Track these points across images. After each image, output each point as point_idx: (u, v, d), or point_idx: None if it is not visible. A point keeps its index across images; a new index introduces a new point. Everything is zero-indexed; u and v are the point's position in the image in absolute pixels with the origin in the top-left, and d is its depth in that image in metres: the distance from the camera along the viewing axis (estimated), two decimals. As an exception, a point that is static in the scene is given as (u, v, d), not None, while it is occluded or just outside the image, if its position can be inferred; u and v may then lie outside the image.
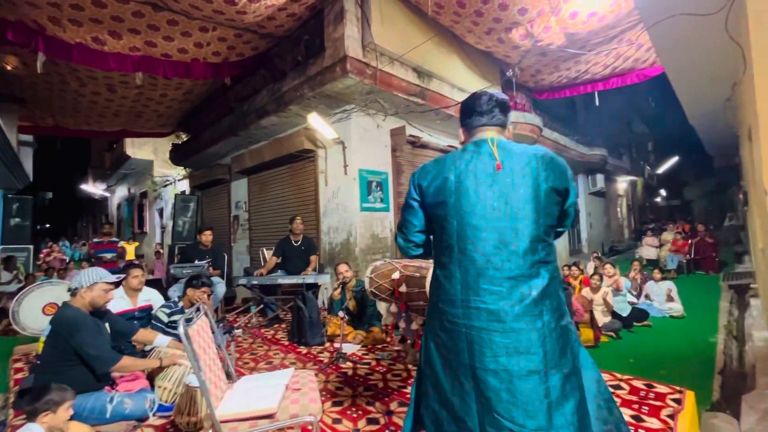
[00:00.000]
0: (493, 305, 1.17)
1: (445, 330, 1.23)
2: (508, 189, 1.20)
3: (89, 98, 6.25)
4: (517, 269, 1.17)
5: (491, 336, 1.15)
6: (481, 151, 1.27)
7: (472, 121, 1.39)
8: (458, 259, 1.22)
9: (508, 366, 1.14)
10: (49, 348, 2.21)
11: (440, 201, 1.27)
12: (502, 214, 1.20)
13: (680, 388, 2.55)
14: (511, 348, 1.14)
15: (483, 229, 1.20)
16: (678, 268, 8.93)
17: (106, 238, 6.37)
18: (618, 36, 5.14)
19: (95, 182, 16.57)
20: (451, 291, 1.23)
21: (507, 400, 1.13)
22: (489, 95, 1.41)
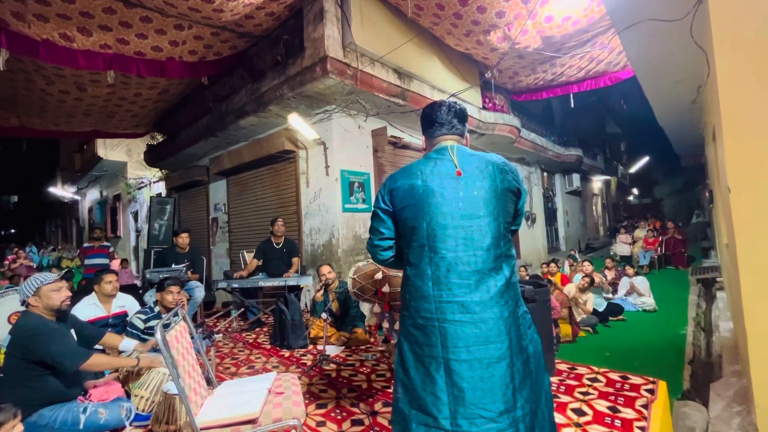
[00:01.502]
0: (463, 298, 1.25)
1: (418, 327, 1.30)
2: (470, 191, 1.31)
3: (57, 97, 5.97)
4: (482, 263, 1.27)
5: (463, 327, 1.23)
6: (444, 158, 1.37)
7: (433, 131, 1.48)
8: (429, 257, 1.30)
9: (478, 355, 1.22)
10: (12, 359, 2.09)
11: (410, 204, 1.34)
12: (466, 213, 1.29)
13: (653, 379, 2.65)
14: (482, 337, 1.23)
15: (451, 228, 1.29)
16: (650, 263, 9.30)
17: (97, 243, 6.13)
18: (591, 40, 5.31)
19: (65, 185, 15.89)
20: (423, 288, 1.30)
21: (479, 388, 1.20)
22: (448, 105, 1.48)
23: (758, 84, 2.13)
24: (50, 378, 2.09)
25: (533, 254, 10.30)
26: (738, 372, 2.91)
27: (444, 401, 1.21)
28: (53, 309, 2.21)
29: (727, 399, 2.59)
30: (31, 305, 2.17)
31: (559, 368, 2.97)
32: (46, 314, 2.19)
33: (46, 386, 2.07)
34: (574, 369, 2.97)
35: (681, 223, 14.67)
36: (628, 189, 27.74)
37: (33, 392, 2.04)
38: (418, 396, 1.26)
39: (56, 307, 2.21)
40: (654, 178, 28.97)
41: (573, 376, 2.83)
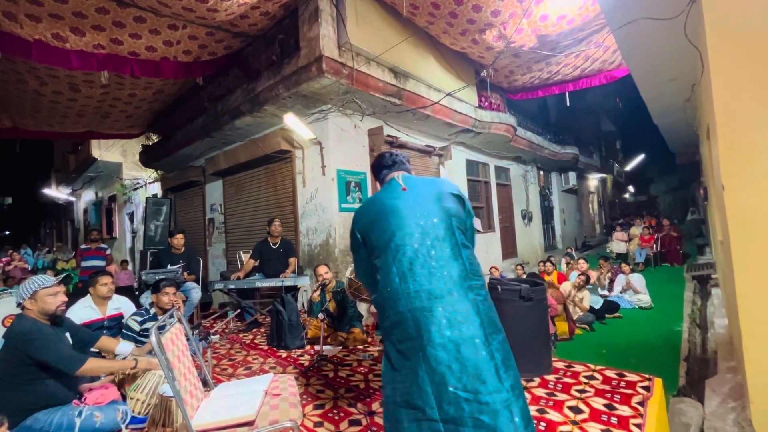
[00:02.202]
0: (427, 284, 1.36)
1: (396, 325, 1.39)
2: (418, 198, 1.54)
3: (50, 98, 5.92)
4: (441, 251, 1.42)
5: (433, 312, 1.32)
6: (392, 184, 1.66)
7: (382, 174, 1.76)
8: (393, 256, 1.44)
9: (452, 336, 1.29)
10: (6, 362, 2.07)
11: (375, 223, 1.54)
12: (419, 213, 1.50)
13: (649, 376, 2.66)
14: (452, 319, 1.31)
15: (409, 227, 1.47)
16: (645, 261, 9.35)
17: (94, 245, 6.09)
18: (586, 38, 5.32)
19: (59, 186, 15.77)
20: (390, 287, 1.42)
21: (457, 370, 1.25)
22: (390, 153, 1.80)
23: (752, 82, 2.14)
24: (45, 382, 2.07)
25: (530, 252, 10.33)
26: (733, 368, 2.93)
27: (428, 392, 1.25)
28: (48, 313, 2.19)
29: (723, 395, 2.60)
30: (27, 308, 2.15)
31: (555, 366, 2.98)
32: (40, 318, 2.17)
33: (40, 390, 2.05)
34: (570, 367, 2.98)
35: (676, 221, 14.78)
36: (624, 187, 27.89)
37: (28, 396, 2.02)
38: (406, 392, 1.30)
39: (51, 312, 2.19)
40: (649, 176, 29.16)
41: (570, 374, 2.84)
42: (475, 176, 8.40)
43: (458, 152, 7.53)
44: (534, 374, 2.83)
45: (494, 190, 9.04)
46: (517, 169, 10.28)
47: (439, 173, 6.98)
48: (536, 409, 2.34)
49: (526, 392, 2.58)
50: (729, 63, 2.23)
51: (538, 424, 2.17)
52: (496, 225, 8.87)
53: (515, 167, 10.19)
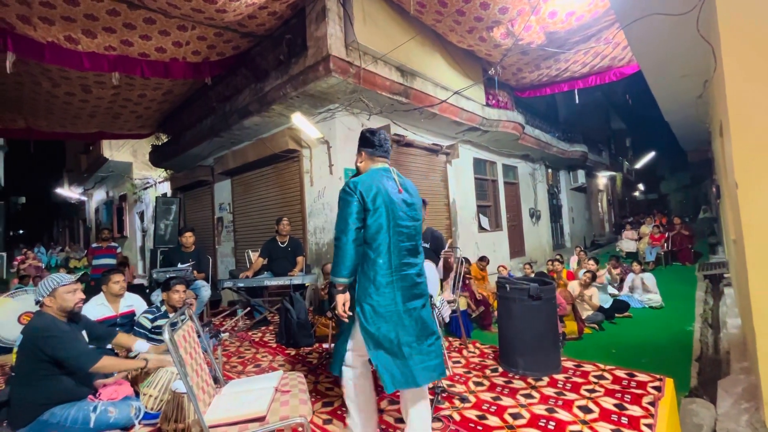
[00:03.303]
0: (410, 271, 1.89)
1: (380, 294, 1.81)
2: (410, 201, 1.97)
3: (63, 99, 6.03)
4: (417, 248, 1.97)
5: (408, 290, 1.86)
6: (389, 177, 1.96)
7: (375, 151, 2.01)
8: (389, 243, 1.85)
9: (416, 305, 1.87)
10: (24, 359, 2.12)
11: (378, 207, 1.84)
12: (409, 215, 1.94)
13: (660, 376, 2.64)
14: (417, 294, 1.89)
15: (405, 226, 1.91)
16: (656, 259, 9.23)
17: (105, 243, 6.18)
18: (596, 35, 5.26)
19: (71, 186, 16.04)
20: (384, 265, 1.83)
21: (419, 323, 1.85)
22: (385, 135, 2.04)
23: (766, 78, 2.10)
24: (61, 377, 2.11)
25: (538, 251, 10.26)
26: (746, 369, 2.89)
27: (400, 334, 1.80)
28: (67, 311, 2.23)
29: (735, 396, 2.57)
30: (46, 305, 2.20)
31: (564, 365, 2.96)
32: (58, 315, 2.21)
33: (57, 385, 2.10)
34: (580, 366, 2.96)
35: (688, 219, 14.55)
36: (634, 185, 27.52)
37: (44, 391, 2.06)
38: (386, 337, 1.79)
39: (70, 308, 2.24)
40: (660, 174, 28.74)
41: (579, 374, 2.82)
42: (482, 175, 8.36)
43: (465, 151, 7.50)
44: (543, 373, 2.82)
45: (502, 188, 8.99)
46: (525, 168, 10.21)
47: (446, 172, 6.97)
48: (545, 409, 2.33)
49: (535, 391, 2.58)
50: (743, 58, 2.19)
51: (547, 423, 2.17)
52: (503, 224, 8.82)
53: (523, 165, 10.12)
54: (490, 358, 3.30)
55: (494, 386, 2.71)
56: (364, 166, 2.02)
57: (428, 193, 6.31)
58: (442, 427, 2.18)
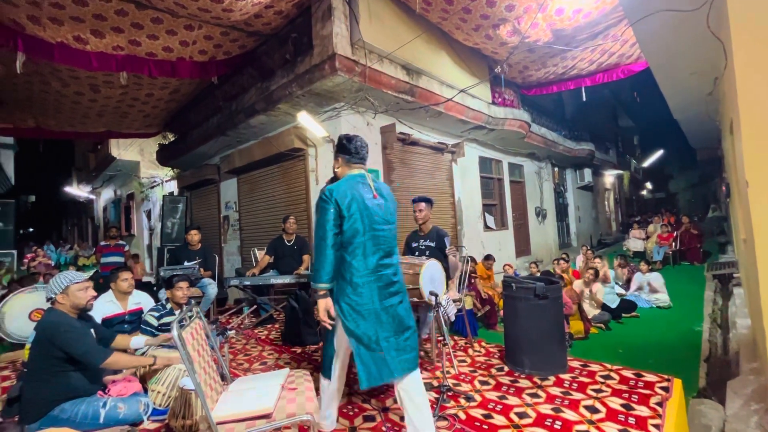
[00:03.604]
0: (386, 271, 2.01)
1: (357, 294, 1.93)
2: (384, 206, 2.07)
3: (72, 99, 6.09)
4: (392, 249, 2.09)
5: (384, 289, 1.98)
6: (365, 182, 2.06)
7: (352, 158, 2.12)
8: (364, 247, 1.96)
9: (393, 302, 1.99)
10: (36, 354, 2.16)
11: (353, 213, 1.95)
12: (384, 219, 2.05)
13: (668, 377, 2.62)
14: (393, 291, 2.01)
15: (380, 229, 2.02)
16: (664, 259, 9.14)
17: (113, 241, 6.26)
18: (603, 32, 5.21)
19: (80, 184, 16.21)
20: (361, 266, 1.95)
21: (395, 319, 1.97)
22: (362, 142, 2.15)
23: (778, 75, 2.07)
24: (72, 374, 2.14)
25: (544, 250, 10.21)
26: (756, 369, 2.85)
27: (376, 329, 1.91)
28: (79, 308, 2.27)
29: (745, 397, 2.54)
30: (58, 302, 2.23)
31: (571, 365, 2.95)
32: (70, 312, 2.24)
33: (68, 381, 2.13)
34: (586, 366, 2.95)
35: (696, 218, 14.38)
36: (642, 183, 27.25)
37: (56, 387, 2.09)
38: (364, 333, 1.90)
39: (82, 305, 2.27)
40: (668, 172, 28.41)
41: (585, 373, 2.81)
42: (488, 173, 8.32)
43: (471, 149, 7.47)
44: (549, 373, 2.81)
45: (507, 187, 8.94)
46: (531, 166, 10.14)
47: (452, 170, 6.95)
48: (551, 408, 2.32)
49: (541, 391, 2.57)
50: (754, 55, 2.15)
51: (553, 422, 2.16)
52: (509, 222, 8.78)
53: (529, 164, 10.06)
54: (495, 357, 3.30)
55: (500, 385, 2.71)
56: (341, 172, 2.15)
57: (433, 192, 6.30)
58: (447, 425, 2.18)
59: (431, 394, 2.61)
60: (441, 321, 2.65)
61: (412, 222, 3.80)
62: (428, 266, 2.88)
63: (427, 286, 2.81)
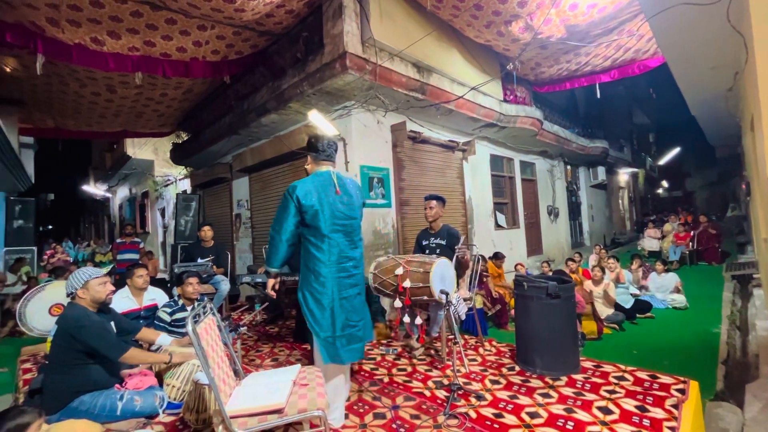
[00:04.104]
0: (347, 264, 2.21)
1: (318, 282, 2.15)
2: (347, 201, 2.25)
3: (89, 99, 6.24)
4: (353, 243, 2.26)
5: (344, 279, 2.20)
6: (329, 179, 2.24)
7: (318, 155, 2.30)
8: (328, 241, 2.16)
9: (351, 293, 2.22)
10: (57, 347, 2.23)
11: (315, 209, 2.14)
12: (346, 214, 2.23)
13: (684, 379, 2.56)
14: (352, 283, 2.24)
15: (341, 224, 2.21)
16: (680, 259, 8.94)
17: (129, 239, 6.42)
18: (618, 27, 5.10)
19: (97, 183, 16.58)
20: (324, 258, 2.16)
21: (350, 310, 2.20)
22: (328, 141, 2.31)
23: (803, 69, 2.00)
24: (91, 367, 2.21)
25: (556, 249, 10.08)
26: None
27: (329, 320, 2.14)
28: (99, 302, 2.33)
29: (765, 400, 2.48)
30: (79, 297, 2.29)
31: (583, 366, 2.92)
32: (90, 306, 2.31)
33: (87, 374, 2.19)
34: (599, 367, 2.91)
35: (715, 217, 14.01)
36: (658, 182, 26.66)
37: (75, 379, 2.16)
38: (322, 320, 2.14)
39: (101, 299, 2.34)
40: (685, 170, 27.72)
41: (599, 374, 2.77)
42: (499, 171, 8.24)
43: (482, 147, 7.41)
44: (561, 373, 2.78)
45: (519, 185, 8.85)
46: (543, 164, 10.02)
47: (462, 169, 6.91)
48: (564, 409, 2.30)
49: (553, 391, 2.55)
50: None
51: (565, 423, 2.14)
52: (521, 221, 8.69)
53: (541, 162, 9.93)
54: (506, 356, 3.28)
55: (511, 385, 2.69)
56: (310, 169, 2.33)
57: (444, 190, 6.27)
58: (458, 423, 2.17)
59: (442, 392, 2.61)
60: (452, 319, 2.64)
61: (424, 220, 3.79)
62: (439, 264, 2.88)
63: (437, 284, 2.80)
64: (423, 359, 3.27)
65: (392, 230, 5.46)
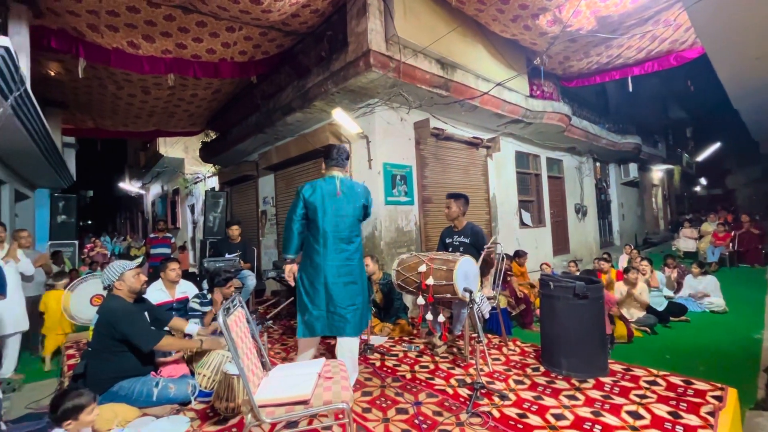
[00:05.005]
0: (340, 255, 2.54)
1: (312, 267, 2.53)
2: (344, 201, 2.58)
3: (126, 100, 6.55)
4: (350, 237, 2.58)
5: (337, 269, 2.52)
6: (333, 183, 2.61)
7: (329, 162, 2.70)
8: (322, 233, 2.53)
9: (339, 281, 2.51)
10: (98, 335, 2.37)
11: (315, 205, 2.54)
12: (343, 213, 2.57)
13: (722, 386, 2.45)
14: (344, 273, 2.53)
15: (337, 221, 2.55)
16: (719, 260, 8.48)
17: (161, 234, 6.73)
18: (654, 17, 4.88)
19: (131, 180, 17.39)
20: (321, 249, 2.53)
21: (338, 294, 2.50)
22: (338, 149, 2.71)
23: None
24: (129, 354, 2.33)
25: (584, 248, 9.78)
26: (826, 383, 2.60)
27: (324, 300, 2.50)
28: (135, 291, 2.46)
29: (812, 412, 2.33)
30: (117, 288, 2.43)
31: (612, 369, 2.83)
32: (128, 297, 2.45)
33: (125, 361, 2.32)
34: (629, 370, 2.81)
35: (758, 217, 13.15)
36: (695, 179, 25.32)
37: (115, 366, 2.29)
38: (313, 300, 2.51)
39: (138, 289, 2.47)
40: (726, 167, 26.16)
41: (628, 378, 2.68)
42: (524, 168, 8.06)
43: (507, 143, 7.27)
44: (588, 375, 2.71)
45: (545, 183, 8.63)
46: (570, 161, 9.72)
47: (487, 166, 6.80)
48: (591, 411, 2.24)
49: (579, 393, 2.49)
50: (832, 36, 1.95)
51: (593, 426, 2.09)
52: (547, 220, 8.48)
53: (569, 159, 9.64)
54: (531, 356, 3.22)
55: (536, 385, 2.64)
56: (323, 172, 2.73)
57: (467, 188, 6.19)
58: (481, 422, 2.16)
59: (464, 390, 2.60)
60: (475, 318, 2.62)
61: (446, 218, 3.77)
62: (462, 262, 2.86)
63: (461, 282, 2.79)
64: (445, 357, 3.26)
65: (414, 228, 5.45)
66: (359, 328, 2.57)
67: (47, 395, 3.29)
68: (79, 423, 1.75)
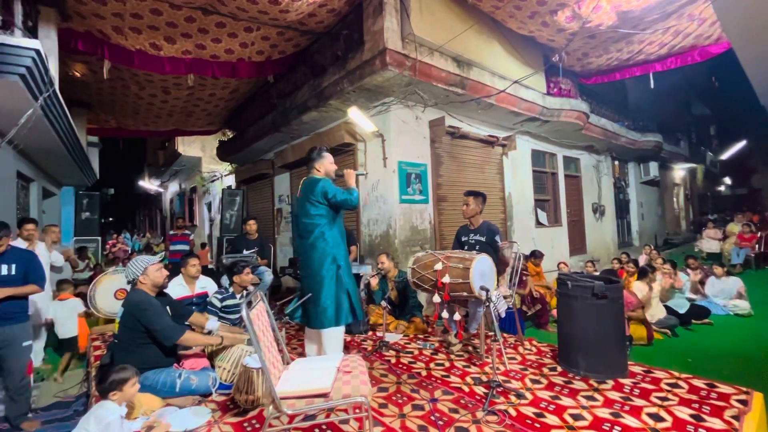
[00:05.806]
0: (300, 250, 2.78)
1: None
2: (298, 202, 2.81)
3: (147, 100, 6.73)
4: (300, 236, 2.76)
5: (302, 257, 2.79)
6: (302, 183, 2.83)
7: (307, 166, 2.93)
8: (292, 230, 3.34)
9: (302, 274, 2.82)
10: (124, 328, 2.45)
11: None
12: (297, 212, 2.81)
13: (747, 389, 2.38)
14: (304, 266, 2.75)
15: (295, 220, 2.87)
16: (745, 262, 8.21)
17: (180, 231, 6.91)
18: (677, 11, 4.75)
19: (150, 179, 17.81)
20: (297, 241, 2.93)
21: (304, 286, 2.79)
22: (309, 156, 2.90)
23: None
24: (153, 346, 2.41)
25: (601, 249, 9.59)
26: None
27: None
28: (158, 285, 2.54)
29: (844, 419, 2.24)
30: (141, 282, 2.51)
31: (632, 370, 2.79)
32: (151, 291, 2.52)
33: (150, 353, 2.40)
34: (650, 372, 2.76)
35: (786, 217, 12.65)
36: (719, 178, 24.49)
37: (140, 357, 2.37)
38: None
39: (160, 283, 2.55)
40: (752, 166, 25.23)
41: (649, 380, 2.64)
42: (541, 167, 7.96)
43: (523, 142, 7.19)
44: (606, 376, 2.68)
45: (562, 181, 8.50)
46: (588, 159, 9.54)
47: (502, 164, 6.74)
48: (610, 413, 2.22)
49: (598, 394, 2.46)
50: None
51: (612, 427, 2.06)
52: (563, 219, 8.35)
53: (586, 157, 9.47)
54: (547, 356, 3.19)
55: (552, 385, 2.62)
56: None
57: (483, 186, 6.15)
58: (497, 420, 2.16)
59: (480, 388, 2.60)
60: (492, 316, 2.61)
61: (461, 216, 3.77)
62: (479, 261, 2.85)
63: (477, 280, 2.78)
64: (461, 355, 3.26)
65: (429, 226, 5.45)
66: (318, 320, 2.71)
67: (74, 384, 3.43)
68: (124, 394, 1.92)
